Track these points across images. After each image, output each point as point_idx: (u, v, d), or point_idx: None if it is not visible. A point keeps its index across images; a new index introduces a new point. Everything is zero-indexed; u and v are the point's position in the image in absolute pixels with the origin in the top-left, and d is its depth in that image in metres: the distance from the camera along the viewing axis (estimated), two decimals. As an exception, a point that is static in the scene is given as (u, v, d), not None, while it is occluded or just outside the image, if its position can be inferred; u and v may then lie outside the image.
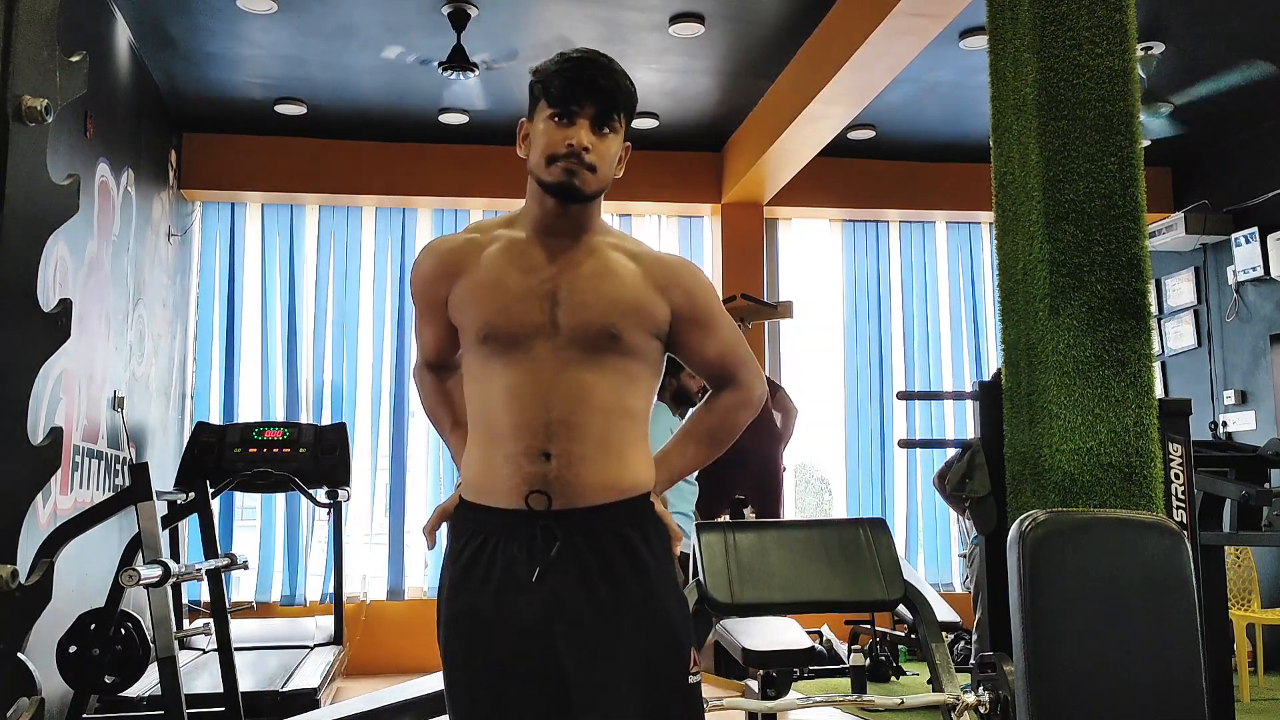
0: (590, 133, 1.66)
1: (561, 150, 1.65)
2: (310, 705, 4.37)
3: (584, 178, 1.66)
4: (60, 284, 4.19)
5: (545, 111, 1.69)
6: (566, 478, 1.62)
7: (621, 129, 1.72)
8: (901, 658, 5.90)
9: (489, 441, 1.68)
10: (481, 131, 6.55)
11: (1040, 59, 3.04)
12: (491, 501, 1.66)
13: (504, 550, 1.64)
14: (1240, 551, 5.45)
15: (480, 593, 1.64)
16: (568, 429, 1.63)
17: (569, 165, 1.65)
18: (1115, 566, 2.32)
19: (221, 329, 6.73)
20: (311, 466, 5.67)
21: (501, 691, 1.62)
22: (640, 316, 1.69)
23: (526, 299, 1.67)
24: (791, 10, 5.10)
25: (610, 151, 1.69)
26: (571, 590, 1.61)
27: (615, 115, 1.69)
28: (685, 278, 1.76)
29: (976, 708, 2.87)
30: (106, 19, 4.88)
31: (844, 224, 7.34)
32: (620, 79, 1.69)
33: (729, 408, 1.81)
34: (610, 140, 1.69)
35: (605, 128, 1.68)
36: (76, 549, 3.76)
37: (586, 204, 1.71)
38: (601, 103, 1.66)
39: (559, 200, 1.69)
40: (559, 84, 1.66)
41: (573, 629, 1.61)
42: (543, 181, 1.69)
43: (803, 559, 3.17)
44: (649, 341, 1.71)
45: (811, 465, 8.93)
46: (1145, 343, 2.96)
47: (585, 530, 1.63)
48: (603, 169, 1.69)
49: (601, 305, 1.67)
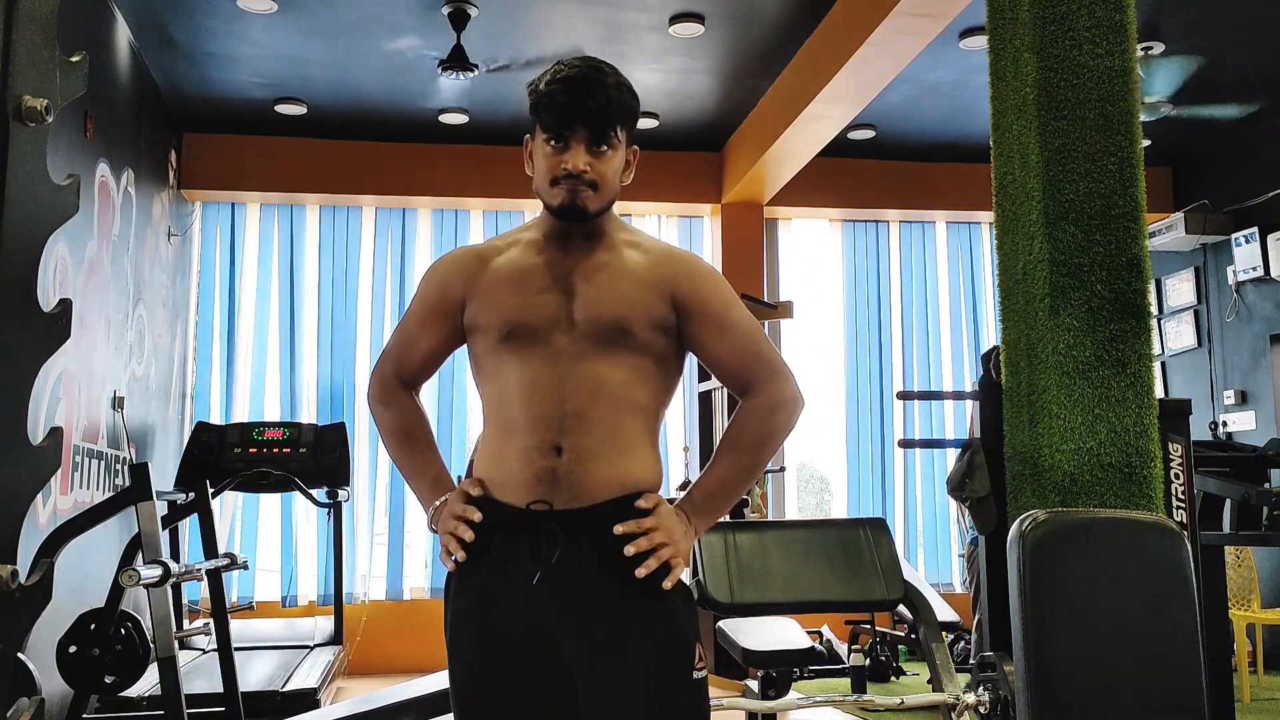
0: (586, 154, 1.67)
1: (560, 173, 1.67)
2: (310, 705, 4.37)
3: (586, 197, 1.68)
4: (60, 284, 4.19)
5: (541, 136, 1.70)
6: (575, 473, 1.63)
7: (621, 142, 1.72)
8: (901, 658, 5.90)
9: (504, 435, 1.69)
10: (481, 131, 6.55)
11: (1040, 59, 3.04)
12: (501, 496, 1.67)
13: (507, 550, 1.65)
14: (1240, 551, 5.45)
15: (486, 589, 1.65)
16: (580, 422, 1.64)
17: (570, 187, 1.67)
18: (1115, 566, 2.32)
19: (221, 329, 6.73)
20: (311, 466, 5.67)
21: (507, 688, 1.63)
22: (647, 309, 1.70)
23: (544, 293, 1.69)
24: (791, 10, 5.10)
25: (610, 167, 1.70)
26: (576, 588, 1.62)
27: (611, 132, 1.68)
28: (689, 270, 1.75)
29: (976, 708, 2.87)
30: (106, 19, 4.88)
31: (844, 224, 7.34)
32: (613, 93, 1.68)
33: (757, 414, 1.74)
34: (609, 156, 1.69)
35: (602, 145, 1.68)
36: (76, 549, 3.76)
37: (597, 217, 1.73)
38: (594, 124, 1.66)
39: (567, 220, 1.72)
40: (550, 110, 1.67)
41: (578, 626, 1.62)
42: (548, 205, 1.72)
43: (803, 559, 3.17)
44: (659, 338, 1.71)
45: (811, 465, 8.93)
46: (1145, 343, 2.96)
47: (590, 529, 1.63)
48: (605, 185, 1.70)
49: (612, 299, 1.68)
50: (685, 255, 1.80)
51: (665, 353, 1.73)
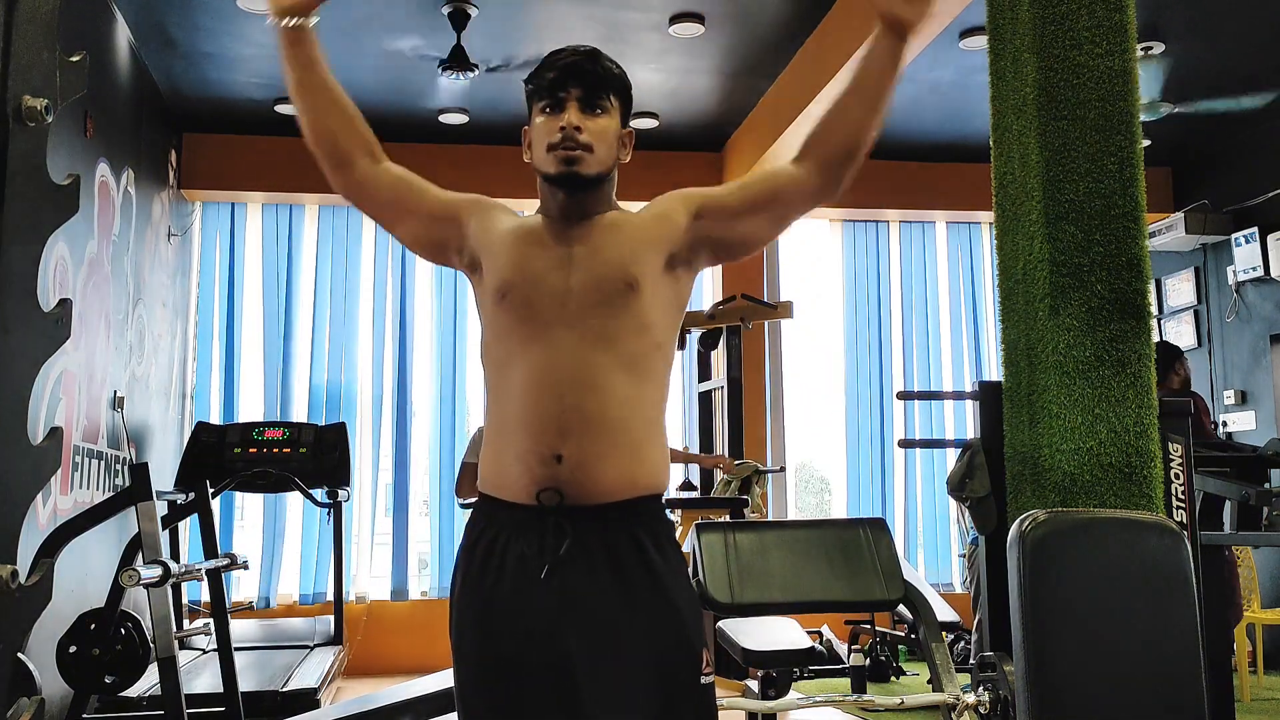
0: (579, 113, 1.68)
1: (555, 137, 1.67)
2: (310, 705, 4.37)
3: (583, 160, 1.67)
4: (60, 284, 4.19)
5: (538, 107, 1.72)
6: (578, 478, 1.60)
7: (615, 110, 1.72)
8: (901, 658, 5.90)
9: (501, 437, 1.67)
10: (481, 131, 6.55)
11: (1040, 59, 3.04)
12: (505, 495, 1.65)
13: (516, 546, 1.62)
14: (1240, 551, 5.45)
15: (492, 588, 1.63)
16: (583, 423, 1.60)
17: (564, 151, 1.66)
18: (1115, 566, 2.32)
19: (221, 329, 6.73)
20: (311, 466, 5.67)
21: (511, 687, 1.61)
22: (659, 242, 1.70)
23: (543, 261, 1.69)
24: (791, 10, 5.10)
25: (605, 129, 1.70)
26: (582, 587, 1.60)
27: (604, 95, 1.70)
28: (681, 191, 1.79)
29: (976, 708, 2.87)
30: (106, 19, 4.88)
31: (844, 224, 7.34)
32: (605, 62, 1.71)
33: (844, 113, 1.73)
34: (603, 119, 1.70)
35: (595, 108, 1.69)
36: (76, 549, 3.76)
37: (595, 190, 1.71)
38: (587, 83, 1.69)
39: (566, 191, 1.70)
40: (545, 76, 1.71)
41: (584, 627, 1.59)
42: (545, 174, 1.71)
43: (803, 559, 3.17)
44: (674, 280, 1.72)
45: (811, 465, 8.94)
46: (1145, 343, 2.96)
47: (597, 527, 1.61)
48: (600, 148, 1.68)
49: (616, 254, 1.67)
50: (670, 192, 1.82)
51: (678, 301, 1.74)
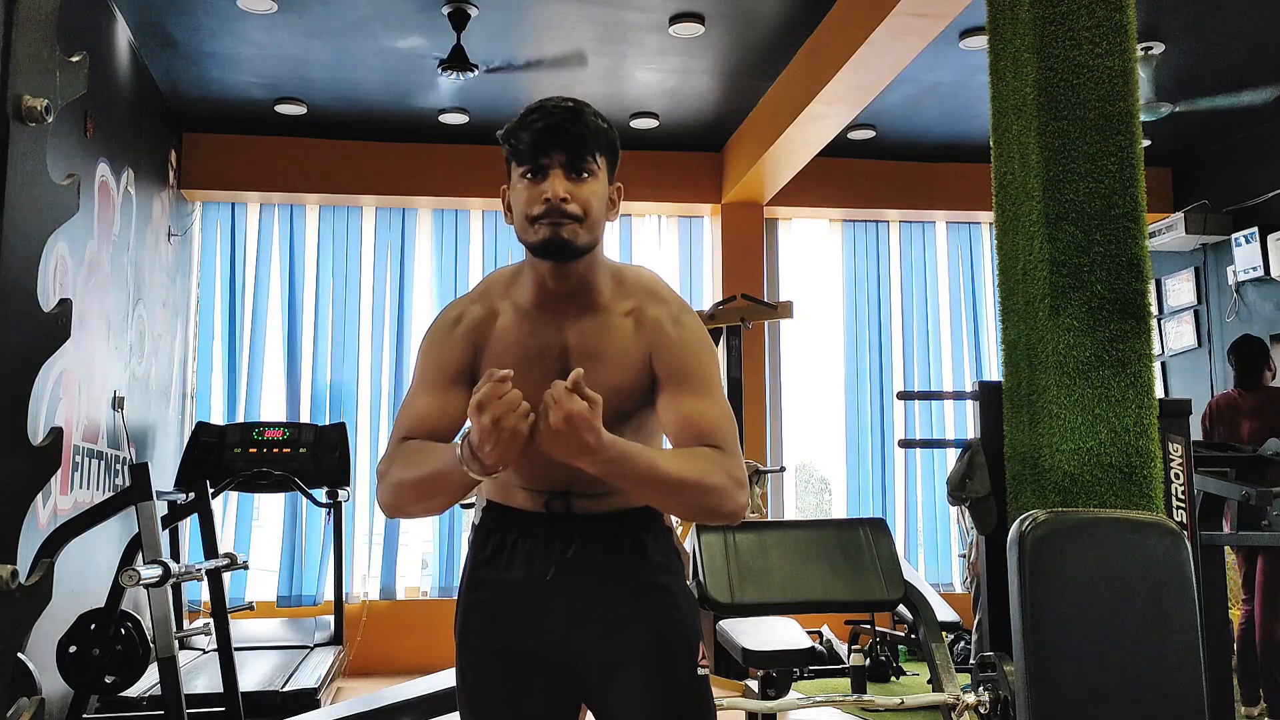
0: (565, 181, 1.55)
1: (539, 208, 1.55)
2: (310, 705, 4.37)
3: (570, 230, 1.55)
4: (60, 284, 4.19)
5: (518, 172, 1.60)
6: (586, 506, 1.67)
7: (602, 170, 1.60)
8: (901, 658, 5.90)
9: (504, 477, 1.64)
10: (481, 131, 6.55)
11: (1040, 59, 3.04)
12: (514, 504, 1.71)
13: (524, 545, 1.68)
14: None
15: (499, 585, 1.68)
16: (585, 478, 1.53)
17: (552, 221, 1.54)
18: (1115, 566, 2.32)
19: (222, 329, 6.73)
20: (311, 466, 5.67)
21: (512, 678, 1.66)
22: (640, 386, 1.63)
23: (540, 372, 1.59)
24: (791, 10, 5.10)
25: (593, 194, 1.58)
26: (585, 584, 1.66)
27: (590, 157, 1.57)
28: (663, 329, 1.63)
29: (976, 708, 2.87)
30: (106, 19, 4.88)
31: (844, 224, 7.34)
32: (589, 119, 1.58)
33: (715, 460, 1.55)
34: (590, 183, 1.57)
35: (582, 172, 1.57)
36: (76, 549, 3.76)
37: (583, 259, 1.60)
38: (571, 147, 1.56)
39: (554, 259, 1.58)
40: (524, 139, 1.57)
41: (585, 623, 1.65)
42: (530, 245, 1.59)
43: (803, 559, 3.17)
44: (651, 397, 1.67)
45: (811, 465, 8.94)
46: (1145, 343, 2.96)
47: (601, 533, 1.67)
48: (589, 216, 1.57)
49: (606, 392, 1.49)
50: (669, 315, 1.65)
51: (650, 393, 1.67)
